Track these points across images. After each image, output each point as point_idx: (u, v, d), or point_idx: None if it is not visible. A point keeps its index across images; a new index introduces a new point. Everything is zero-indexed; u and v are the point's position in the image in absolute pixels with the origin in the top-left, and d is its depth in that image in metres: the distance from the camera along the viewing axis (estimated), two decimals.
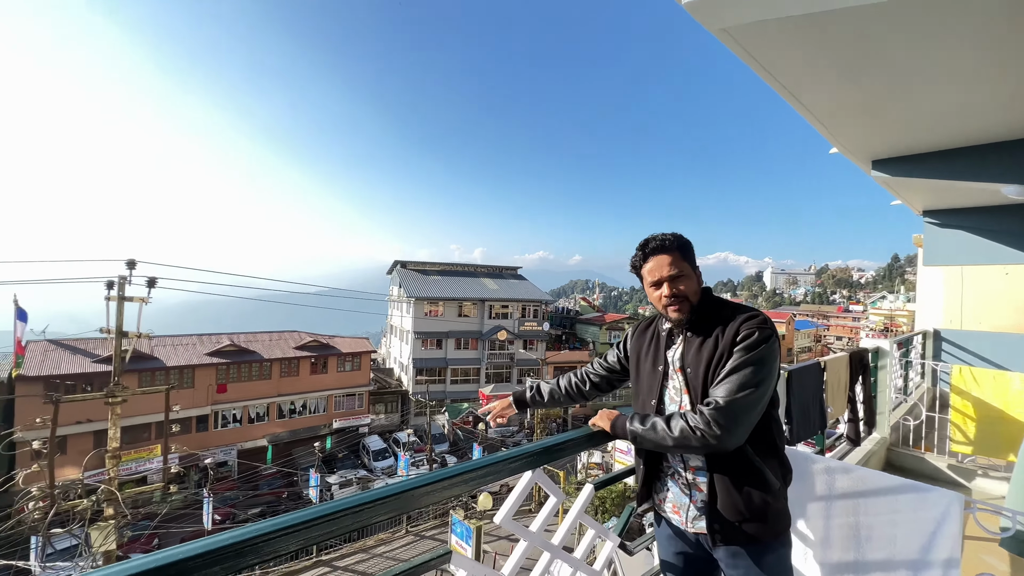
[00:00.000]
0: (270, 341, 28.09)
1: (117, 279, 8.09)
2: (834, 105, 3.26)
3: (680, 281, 1.55)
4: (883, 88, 3.01)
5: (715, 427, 1.32)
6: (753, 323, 1.44)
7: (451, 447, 29.38)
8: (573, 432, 1.46)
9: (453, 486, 1.07)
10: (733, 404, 1.33)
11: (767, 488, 1.43)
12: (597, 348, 38.34)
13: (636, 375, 1.71)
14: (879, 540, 1.56)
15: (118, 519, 7.63)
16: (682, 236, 1.58)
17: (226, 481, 23.89)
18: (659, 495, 1.64)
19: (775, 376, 1.42)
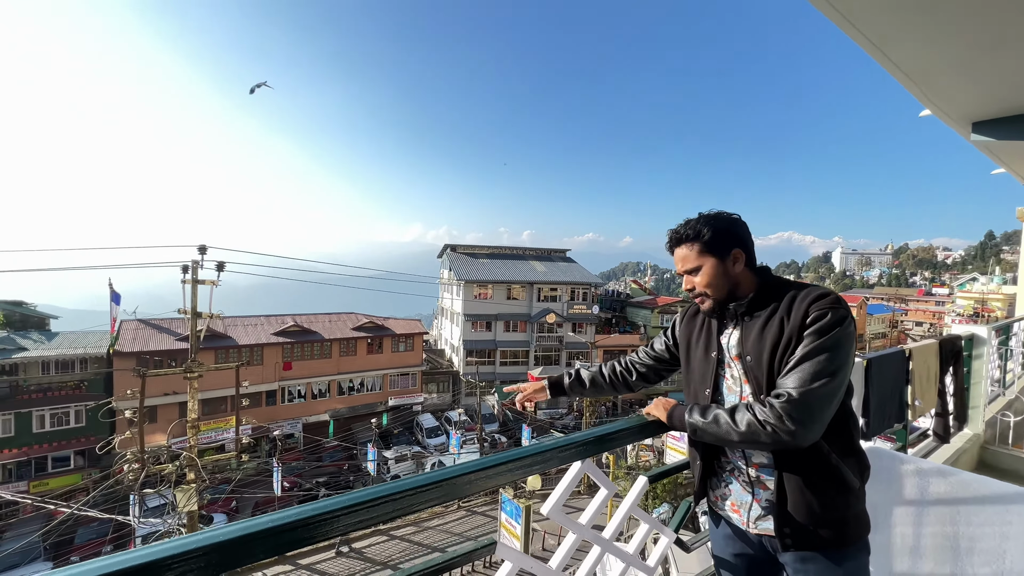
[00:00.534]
0: (329, 322, 29.58)
1: (191, 264, 8.74)
2: (928, 60, 2.86)
3: (695, 275, 1.44)
4: (987, 38, 2.60)
5: (788, 422, 1.17)
6: (824, 303, 1.27)
7: (501, 427, 29.93)
8: (625, 421, 1.37)
9: (499, 475, 1.02)
10: (808, 396, 1.19)
11: (845, 488, 1.29)
12: (648, 332, 37.41)
13: (687, 363, 1.58)
14: (984, 554, 1.36)
15: (198, 483, 8.38)
16: (707, 220, 1.43)
17: (293, 452, 25.68)
18: (716, 491, 1.51)
19: (852, 363, 1.26)
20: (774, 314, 1.34)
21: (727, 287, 1.42)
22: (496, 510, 18.90)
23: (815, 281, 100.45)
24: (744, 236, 1.44)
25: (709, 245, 1.41)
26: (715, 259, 1.41)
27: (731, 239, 1.42)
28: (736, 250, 1.42)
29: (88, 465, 21.59)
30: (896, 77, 3.08)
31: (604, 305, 40.70)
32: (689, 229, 1.44)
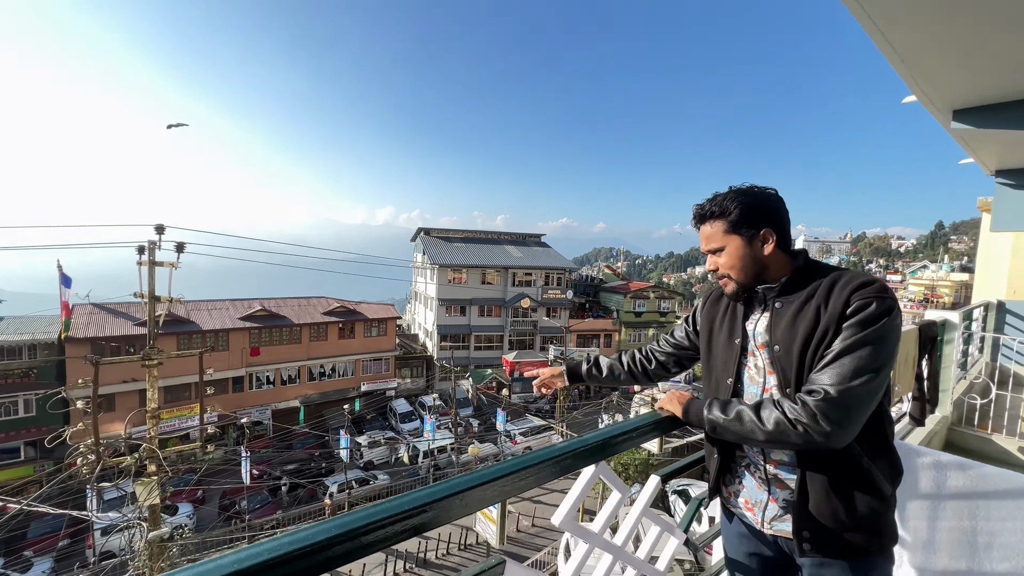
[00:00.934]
0: (299, 307, 28.78)
1: (147, 244, 8.18)
2: (926, 42, 2.81)
3: (719, 256, 1.33)
4: (988, 17, 2.56)
5: (823, 422, 1.06)
6: (869, 291, 1.14)
7: (475, 411, 30.00)
8: (638, 419, 1.26)
9: (503, 486, 0.89)
10: (847, 394, 1.07)
11: (876, 494, 1.19)
12: (621, 316, 37.96)
13: (708, 351, 1.46)
14: (1004, 549, 1.33)
15: (160, 475, 7.99)
16: (736, 195, 1.30)
17: (262, 439, 25.08)
18: (730, 487, 1.42)
19: (895, 359, 1.15)
20: (809, 301, 1.22)
21: (754, 270, 1.30)
22: None
23: None
24: (778, 214, 1.31)
25: (735, 223, 1.29)
26: (741, 239, 1.30)
27: (761, 217, 1.29)
28: (766, 230, 1.29)
29: (40, 457, 20.52)
30: (891, 60, 3.02)
31: (578, 290, 41.00)
32: (715, 205, 1.32)
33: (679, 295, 43.37)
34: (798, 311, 1.23)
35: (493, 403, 28.85)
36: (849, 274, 1.22)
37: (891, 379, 3.60)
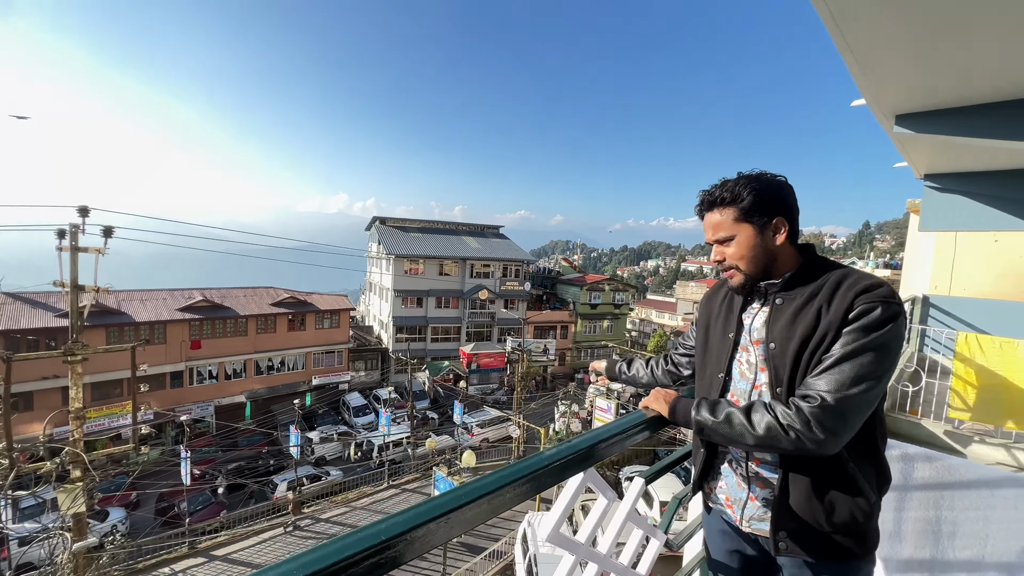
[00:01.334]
0: (244, 297, 27.30)
1: (69, 227, 7.38)
2: (880, 40, 2.91)
3: (727, 245, 1.25)
4: (940, 20, 2.68)
5: (817, 429, 1.02)
6: (875, 295, 1.09)
7: (432, 403, 29.68)
8: (624, 420, 1.19)
9: (492, 502, 0.79)
10: (844, 402, 1.02)
11: (859, 499, 1.16)
12: (577, 308, 38.59)
13: (704, 345, 1.41)
14: (966, 537, 1.39)
15: (86, 481, 7.32)
16: (748, 182, 1.22)
17: (204, 437, 23.72)
18: (711, 483, 1.39)
19: (896, 366, 1.12)
20: (812, 300, 1.17)
21: (764, 261, 1.24)
22: (430, 487, 18.81)
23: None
24: (790, 204, 1.24)
25: (747, 212, 1.22)
26: (753, 228, 1.23)
27: (774, 205, 1.22)
28: (779, 219, 1.22)
29: None
30: (846, 60, 3.11)
31: (535, 282, 41.29)
32: (725, 191, 1.23)
33: (632, 287, 44.62)
34: (799, 309, 1.18)
35: (450, 395, 28.65)
36: (856, 274, 1.17)
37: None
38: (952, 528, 1.43)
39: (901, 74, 3.43)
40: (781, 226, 1.23)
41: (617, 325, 41.06)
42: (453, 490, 0.76)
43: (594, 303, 39.48)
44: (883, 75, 3.46)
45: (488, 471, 10.25)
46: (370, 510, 18.09)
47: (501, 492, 0.80)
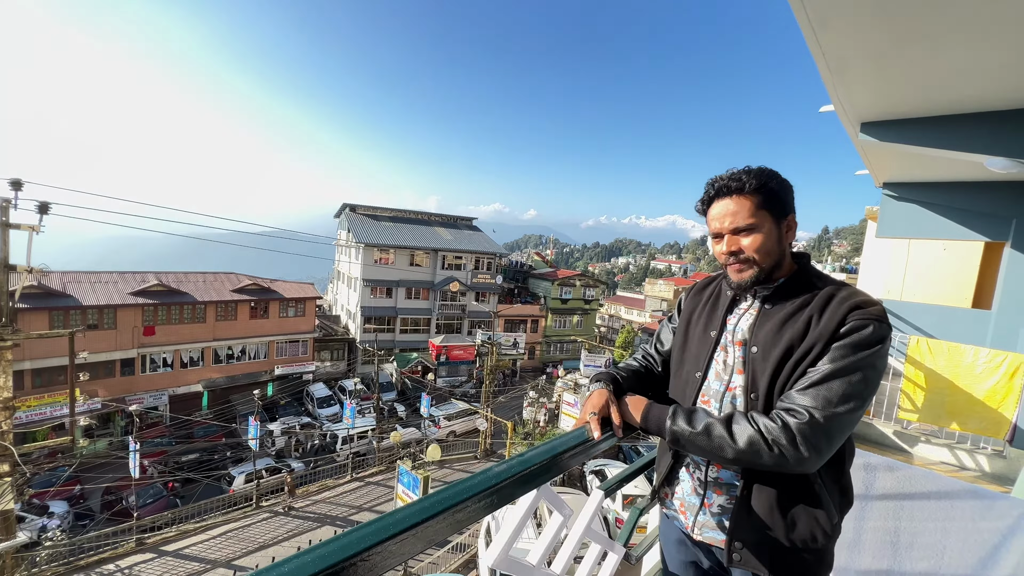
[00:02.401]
0: (204, 283, 26.14)
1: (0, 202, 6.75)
2: (851, 48, 2.94)
3: (746, 235, 1.15)
4: (907, 32, 2.71)
5: (803, 447, 0.97)
6: (868, 312, 1.05)
7: (399, 395, 29.31)
8: (583, 429, 1.10)
9: (428, 529, 0.69)
10: (831, 420, 0.99)
11: (822, 519, 1.11)
12: (548, 303, 38.79)
13: (683, 343, 1.34)
14: (924, 548, 1.39)
15: (15, 476, 6.80)
16: (770, 175, 1.16)
17: (157, 427, 22.68)
18: (667, 488, 1.32)
19: (878, 388, 1.08)
20: (802, 309, 1.12)
21: (776, 258, 1.17)
22: (393, 480, 18.56)
23: (691, 262, 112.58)
24: (793, 205, 1.19)
25: (770, 202, 1.14)
26: (773, 220, 1.15)
27: (788, 203, 1.17)
28: (792, 216, 1.17)
29: None
30: (819, 65, 3.14)
31: (508, 275, 41.25)
32: (752, 178, 1.14)
33: (603, 283, 45.17)
34: (788, 317, 1.14)
35: (418, 387, 28.34)
36: (849, 289, 1.13)
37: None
38: (911, 539, 1.43)
39: (869, 81, 3.49)
40: (793, 224, 1.19)
41: (587, 320, 41.50)
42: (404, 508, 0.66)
43: (565, 298, 39.76)
44: (852, 82, 3.51)
45: (455, 462, 10.20)
46: (333, 503, 17.73)
47: (453, 512, 0.70)
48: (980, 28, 2.58)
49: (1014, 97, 3.51)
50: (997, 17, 2.45)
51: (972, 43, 2.77)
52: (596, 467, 17.44)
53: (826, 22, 2.61)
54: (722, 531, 1.20)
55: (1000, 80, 3.24)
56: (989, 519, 1.32)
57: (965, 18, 2.49)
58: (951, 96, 3.63)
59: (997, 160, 3.81)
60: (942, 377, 4.14)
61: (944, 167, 5.94)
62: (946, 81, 3.37)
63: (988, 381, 3.90)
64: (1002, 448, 4.14)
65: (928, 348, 4.21)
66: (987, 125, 3.81)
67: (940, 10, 2.45)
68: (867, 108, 4.02)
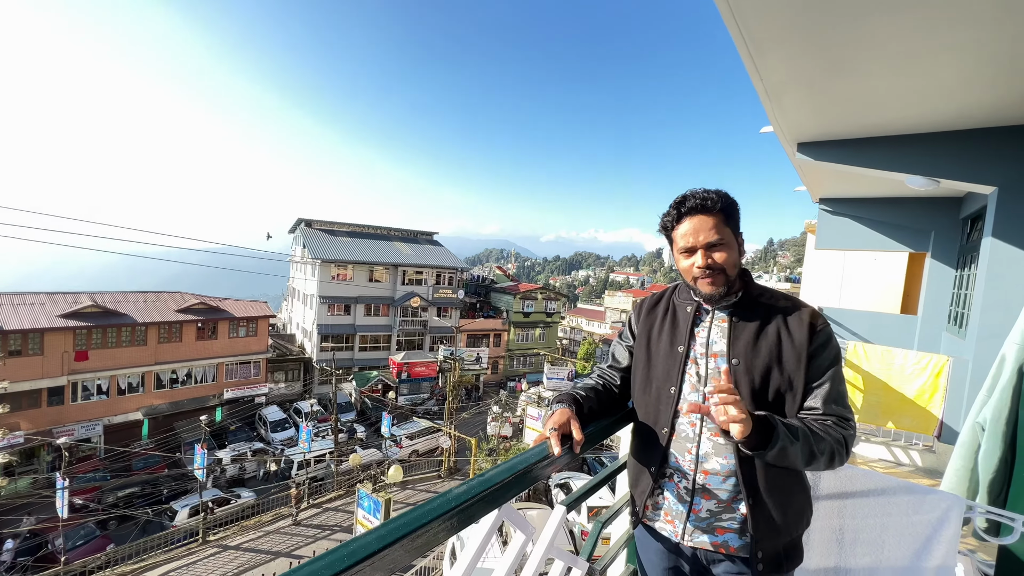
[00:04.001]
0: (145, 303, 24.55)
1: None
2: (786, 74, 3.16)
3: (719, 250, 1.26)
4: (835, 62, 2.95)
5: (849, 451, 1.20)
6: (823, 323, 1.26)
7: (359, 415, 28.36)
8: (543, 446, 1.10)
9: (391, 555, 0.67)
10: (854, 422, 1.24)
11: (808, 499, 1.33)
12: (511, 317, 38.85)
13: (647, 360, 1.38)
14: (865, 544, 1.47)
15: None
16: (729, 196, 1.29)
17: (89, 460, 20.89)
18: (649, 499, 1.35)
19: None
20: (768, 321, 1.26)
21: (738, 272, 1.31)
22: (352, 505, 17.85)
23: (648, 275, 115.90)
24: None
25: (733, 223, 1.29)
26: (735, 237, 1.29)
27: (739, 224, 1.32)
28: (741, 236, 1.32)
29: None
30: (758, 89, 3.35)
31: (469, 290, 41.07)
32: (719, 199, 1.27)
33: (564, 296, 45.73)
34: (759, 330, 1.26)
35: (378, 406, 27.53)
36: (790, 299, 1.30)
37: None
38: (854, 536, 1.51)
39: (803, 105, 3.75)
40: (743, 241, 1.32)
41: (549, 333, 41.81)
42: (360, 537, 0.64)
43: (527, 311, 39.95)
44: (788, 105, 3.76)
45: (418, 483, 9.91)
46: (286, 533, 16.81)
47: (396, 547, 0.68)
48: (896, 61, 2.85)
49: (927, 122, 3.86)
50: (910, 52, 2.71)
51: (890, 74, 3.05)
52: (561, 480, 17.43)
53: (763, 51, 2.80)
54: (712, 535, 1.25)
55: (915, 107, 3.57)
56: (921, 512, 1.42)
57: (883, 53, 2.75)
58: (875, 120, 3.97)
59: (915, 178, 4.17)
60: (877, 379, 4.43)
61: (872, 184, 6.44)
62: (869, 107, 3.68)
63: (917, 381, 4.21)
64: (932, 444, 4.46)
65: (864, 352, 4.50)
66: (906, 147, 4.18)
67: (861, 45, 2.68)
68: (802, 129, 4.32)
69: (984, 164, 3.92)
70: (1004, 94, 3.21)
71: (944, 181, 4.10)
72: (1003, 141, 3.80)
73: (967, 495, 1.98)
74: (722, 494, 1.24)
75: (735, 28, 2.51)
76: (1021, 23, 2.32)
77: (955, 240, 6.56)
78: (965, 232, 6.35)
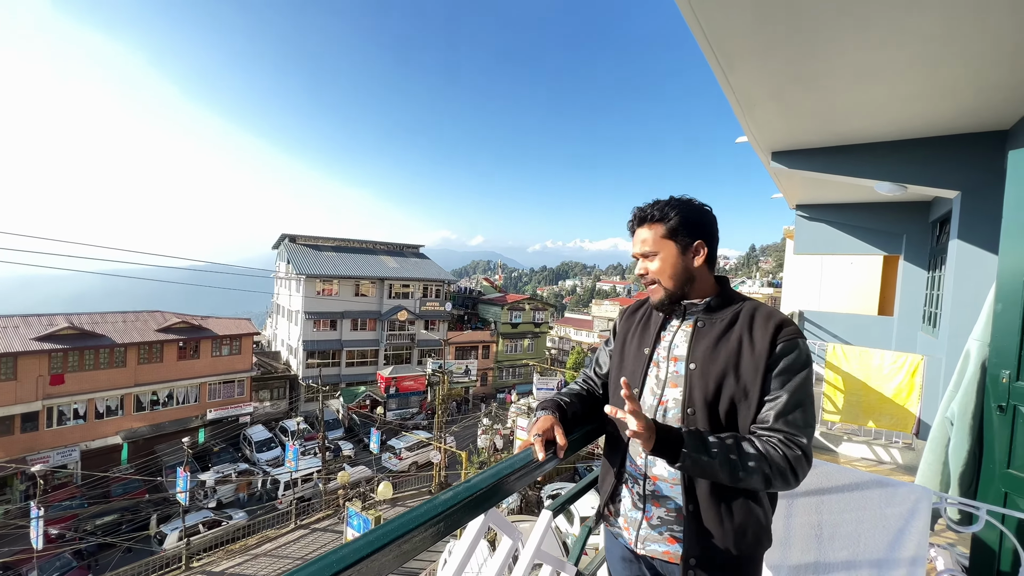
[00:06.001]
0: (124, 323, 23.98)
1: None
2: (757, 88, 3.29)
3: (649, 260, 1.32)
4: (803, 74, 3.08)
5: (800, 475, 1.12)
6: (792, 332, 1.20)
7: (347, 432, 27.91)
8: (527, 452, 1.13)
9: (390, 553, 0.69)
10: (810, 443, 1.15)
11: (763, 520, 1.23)
12: (499, 328, 38.79)
13: (620, 361, 1.43)
14: (843, 539, 1.51)
15: None
16: (677, 204, 1.30)
17: (66, 488, 20.17)
18: (611, 505, 1.37)
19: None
20: (732, 328, 1.25)
21: (683, 279, 1.30)
22: (341, 524, 17.50)
23: (634, 282, 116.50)
24: (710, 230, 1.32)
25: (673, 231, 1.29)
26: (676, 246, 1.29)
27: (697, 230, 1.30)
28: (699, 242, 1.30)
29: None
30: (731, 100, 3.47)
31: (457, 302, 40.95)
32: (656, 209, 1.30)
33: (552, 306, 45.86)
34: (721, 335, 1.24)
35: (366, 422, 27.14)
36: (766, 308, 1.27)
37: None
38: (832, 531, 1.56)
39: (773, 116, 3.89)
40: (701, 249, 1.30)
41: (537, 343, 41.81)
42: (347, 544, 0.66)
43: (515, 322, 39.94)
44: (760, 117, 3.89)
45: (409, 499, 9.82)
46: (273, 556, 16.39)
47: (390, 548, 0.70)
48: (857, 75, 2.98)
49: (893, 130, 4.03)
50: (869, 66, 2.84)
51: (852, 87, 3.19)
52: (553, 491, 17.35)
53: (733, 65, 2.91)
54: (663, 543, 1.25)
55: (878, 117, 3.73)
56: (893, 505, 1.47)
57: (844, 66, 2.88)
58: (842, 129, 4.12)
59: (884, 184, 4.33)
60: (857, 380, 4.54)
61: (845, 190, 6.64)
62: (836, 117, 3.83)
63: (894, 380, 4.32)
64: (911, 441, 4.57)
65: (843, 353, 4.62)
66: (874, 154, 4.34)
67: (824, 59, 2.80)
68: (775, 139, 4.46)
69: (948, 170, 4.09)
70: (963, 103, 3.37)
71: (911, 187, 4.27)
72: (965, 148, 3.98)
73: (940, 488, 2.05)
74: (670, 502, 1.25)
75: (706, 44, 2.62)
76: (966, 42, 2.46)
77: (926, 243, 6.78)
78: (935, 235, 6.58)
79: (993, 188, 3.75)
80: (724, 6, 2.28)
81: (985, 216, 3.84)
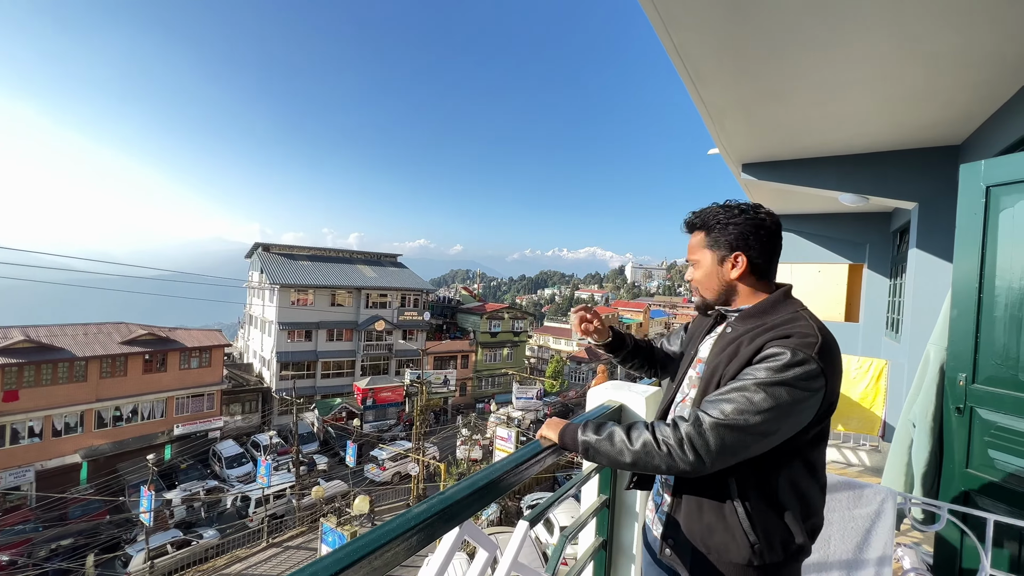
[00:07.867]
0: (85, 335, 22.97)
1: None
2: (726, 101, 3.39)
3: (693, 268, 1.37)
4: (769, 88, 3.19)
5: (687, 449, 1.04)
6: (788, 342, 1.07)
7: (321, 446, 27.23)
8: (519, 453, 1.13)
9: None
10: (719, 427, 1.03)
11: (737, 533, 1.14)
12: (478, 337, 38.63)
13: (681, 357, 1.54)
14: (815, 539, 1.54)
15: None
16: (721, 213, 1.28)
17: (18, 511, 19.04)
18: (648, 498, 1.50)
19: (797, 418, 1.07)
20: (743, 335, 1.19)
21: (719, 290, 1.31)
22: (316, 541, 17.00)
23: (612, 291, 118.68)
24: (759, 241, 1.24)
25: (713, 240, 1.29)
26: (714, 256, 1.29)
27: (738, 241, 1.24)
28: (738, 254, 1.24)
29: None
30: (702, 114, 3.57)
31: (435, 311, 40.68)
32: (699, 218, 1.33)
33: (531, 315, 45.97)
34: (731, 342, 1.22)
35: (342, 435, 26.54)
36: (794, 324, 1.14)
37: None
38: None
39: (742, 129, 4.01)
40: (739, 261, 1.25)
41: (517, 352, 41.78)
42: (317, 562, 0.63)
43: (494, 331, 39.87)
44: (730, 130, 4.01)
45: (386, 513, 9.61)
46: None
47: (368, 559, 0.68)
48: (818, 91, 3.11)
49: (854, 144, 4.20)
50: (829, 83, 2.97)
51: (814, 102, 3.32)
52: (533, 501, 17.24)
53: (704, 80, 3.00)
54: (659, 527, 1.33)
55: (840, 131, 3.89)
56: (860, 506, 1.51)
57: (807, 83, 3.00)
58: (807, 142, 4.28)
59: (847, 195, 4.51)
60: None
61: (812, 201, 6.88)
62: (801, 131, 3.98)
63: (860, 385, 4.47)
64: (877, 444, 4.72)
65: None
66: (837, 166, 4.52)
67: (788, 76, 2.92)
68: (745, 151, 4.60)
69: (906, 182, 4.29)
70: (917, 119, 3.55)
71: (872, 198, 4.46)
72: (921, 161, 4.19)
73: (905, 489, 2.12)
74: (668, 501, 1.31)
75: (677, 59, 2.69)
76: (920, 63, 2.60)
77: (887, 252, 7.07)
78: (895, 244, 6.87)
79: (947, 199, 3.95)
80: (695, 27, 2.35)
81: (941, 226, 4.03)
